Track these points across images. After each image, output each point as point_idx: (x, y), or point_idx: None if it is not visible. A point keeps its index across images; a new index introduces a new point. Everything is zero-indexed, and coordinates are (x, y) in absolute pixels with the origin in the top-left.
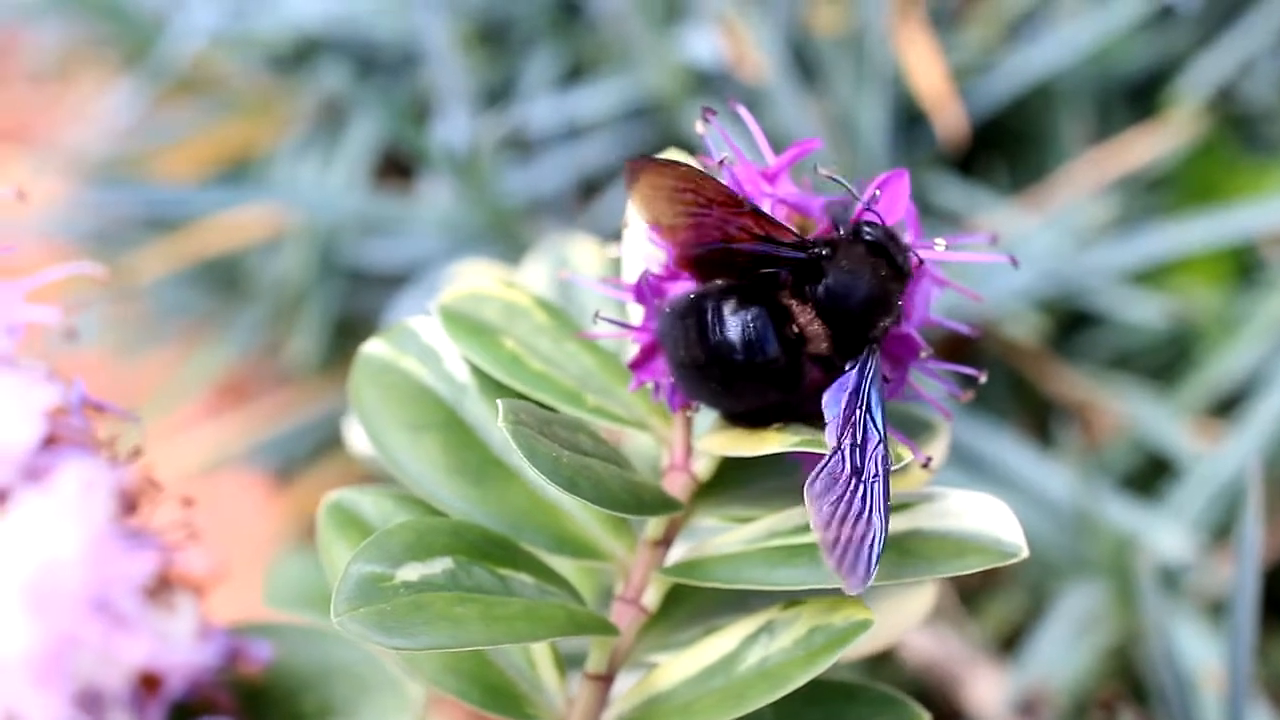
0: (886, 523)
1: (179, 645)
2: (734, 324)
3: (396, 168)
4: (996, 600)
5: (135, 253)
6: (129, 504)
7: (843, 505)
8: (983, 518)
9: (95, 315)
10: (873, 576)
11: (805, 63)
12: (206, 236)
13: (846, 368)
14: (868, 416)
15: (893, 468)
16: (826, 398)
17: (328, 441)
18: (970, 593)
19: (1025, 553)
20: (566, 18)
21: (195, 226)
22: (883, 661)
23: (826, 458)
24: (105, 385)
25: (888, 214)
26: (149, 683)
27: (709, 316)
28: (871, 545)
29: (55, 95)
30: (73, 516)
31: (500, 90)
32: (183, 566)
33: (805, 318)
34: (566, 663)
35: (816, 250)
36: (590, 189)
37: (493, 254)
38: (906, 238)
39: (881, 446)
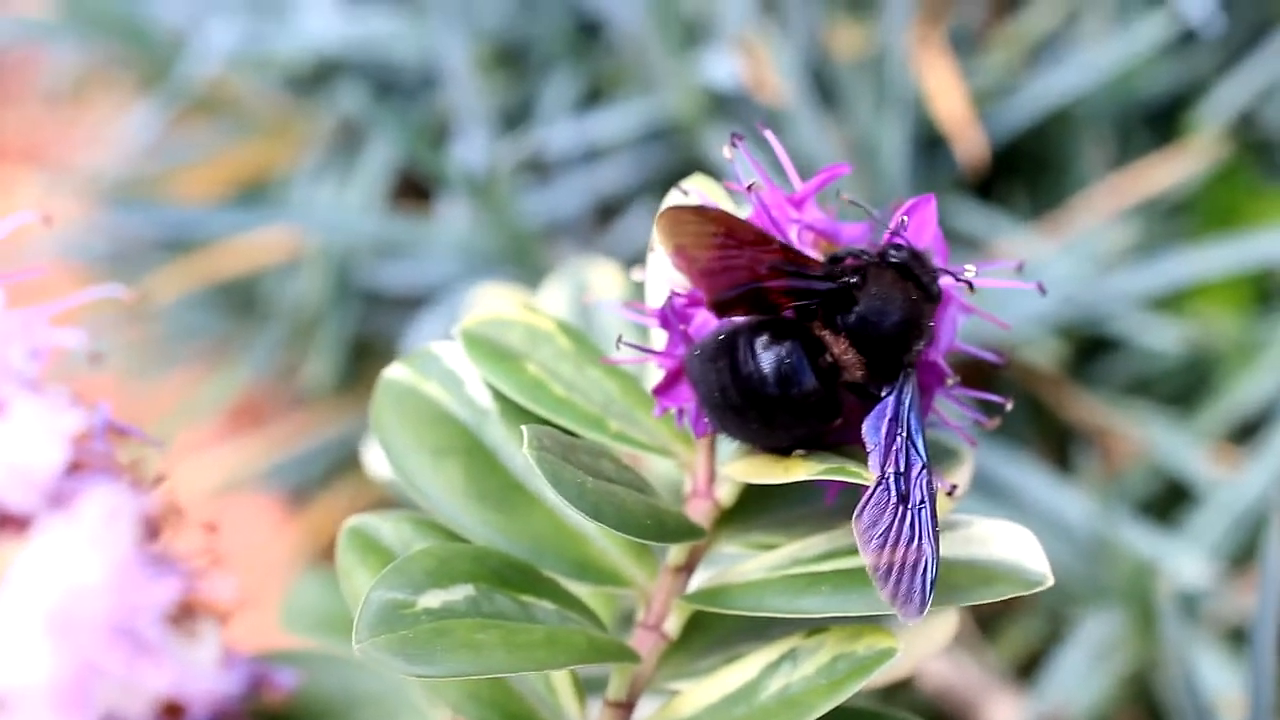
0: (938, 548)
1: (202, 673)
2: (768, 360)
3: (414, 190)
4: (1014, 626)
5: (151, 274)
6: (152, 530)
7: (891, 534)
8: (1008, 546)
9: (111, 337)
10: (929, 604)
11: (825, 86)
12: (223, 258)
13: (882, 394)
14: (909, 443)
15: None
16: (866, 426)
17: (343, 464)
18: (988, 619)
19: (1050, 581)
20: (585, 40)
21: (211, 248)
22: (899, 688)
23: (871, 488)
24: (120, 407)
25: (915, 240)
26: (171, 711)
27: (740, 355)
28: (925, 572)
29: (70, 116)
30: (97, 543)
31: (518, 113)
32: (205, 593)
33: (839, 347)
34: (586, 689)
35: (845, 279)
36: (609, 212)
37: (510, 277)
38: (933, 259)
39: (925, 472)
